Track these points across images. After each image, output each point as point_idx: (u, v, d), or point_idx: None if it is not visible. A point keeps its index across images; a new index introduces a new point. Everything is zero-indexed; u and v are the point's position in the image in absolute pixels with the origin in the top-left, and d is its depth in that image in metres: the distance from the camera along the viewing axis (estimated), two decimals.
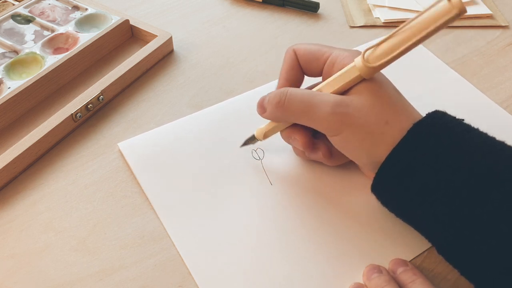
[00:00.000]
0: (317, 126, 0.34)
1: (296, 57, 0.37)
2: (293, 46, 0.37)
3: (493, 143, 0.31)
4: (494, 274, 0.29)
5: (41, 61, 0.46)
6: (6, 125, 0.43)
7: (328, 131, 0.34)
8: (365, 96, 0.32)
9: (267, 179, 0.39)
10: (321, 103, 0.33)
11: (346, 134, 0.32)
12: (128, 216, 0.37)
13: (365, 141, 0.32)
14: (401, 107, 0.33)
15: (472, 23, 0.56)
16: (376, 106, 0.32)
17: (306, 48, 0.37)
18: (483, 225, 0.29)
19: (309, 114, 0.33)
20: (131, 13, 0.56)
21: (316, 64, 0.36)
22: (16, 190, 0.39)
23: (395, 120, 0.32)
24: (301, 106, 0.34)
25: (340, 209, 0.37)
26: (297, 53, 0.37)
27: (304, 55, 0.37)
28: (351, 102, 0.32)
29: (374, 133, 0.32)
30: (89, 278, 0.33)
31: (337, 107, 0.32)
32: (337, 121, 0.32)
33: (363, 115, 0.32)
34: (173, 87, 0.48)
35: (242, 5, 0.59)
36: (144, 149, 0.41)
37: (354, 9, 0.59)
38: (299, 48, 0.37)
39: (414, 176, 0.31)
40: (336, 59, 0.35)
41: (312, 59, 0.36)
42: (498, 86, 0.48)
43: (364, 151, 0.33)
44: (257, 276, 0.33)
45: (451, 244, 0.30)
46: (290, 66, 0.37)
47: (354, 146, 0.33)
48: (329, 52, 0.36)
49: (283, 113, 0.35)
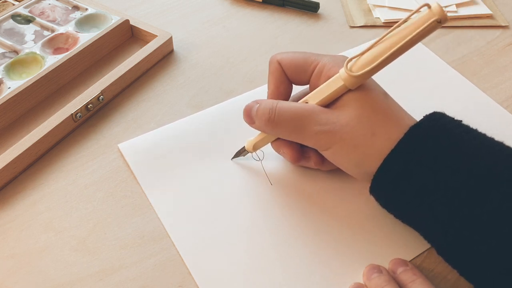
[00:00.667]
0: (306, 143, 0.35)
1: (281, 68, 0.37)
2: (277, 57, 0.37)
3: (492, 143, 0.31)
4: (493, 274, 0.29)
5: (41, 61, 0.46)
6: (6, 125, 0.43)
7: (317, 147, 0.34)
8: (351, 108, 0.33)
9: (267, 180, 0.39)
10: (309, 122, 0.33)
11: (334, 149, 0.33)
12: (128, 216, 0.37)
13: (353, 154, 0.33)
14: (389, 115, 0.33)
15: (472, 23, 0.56)
16: (363, 118, 0.32)
17: (292, 59, 0.36)
18: (482, 225, 0.29)
19: (298, 132, 0.34)
20: (131, 13, 0.56)
21: (304, 75, 0.36)
22: (16, 190, 0.39)
23: (382, 130, 0.32)
24: (291, 124, 0.34)
25: (340, 209, 0.37)
26: (282, 64, 0.37)
27: (291, 67, 0.36)
28: (337, 118, 0.33)
29: (361, 146, 0.32)
30: (89, 278, 0.33)
31: (324, 125, 0.33)
32: (324, 138, 0.33)
33: (349, 130, 0.32)
34: (173, 87, 0.48)
35: (242, 5, 0.59)
36: (144, 150, 0.41)
37: (354, 9, 0.59)
38: (283, 59, 0.37)
39: (412, 179, 0.31)
40: (323, 68, 0.35)
41: (298, 70, 0.36)
42: (498, 86, 0.48)
43: (353, 164, 0.33)
44: (257, 276, 0.33)
45: (451, 245, 0.30)
46: (277, 79, 0.37)
47: (343, 159, 0.34)
48: (316, 61, 0.35)
49: (272, 130, 0.35)
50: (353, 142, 0.32)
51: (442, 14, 0.28)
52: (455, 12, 0.57)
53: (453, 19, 0.57)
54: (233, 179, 0.39)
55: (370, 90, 0.33)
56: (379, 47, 0.31)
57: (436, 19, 0.28)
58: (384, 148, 0.31)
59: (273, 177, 0.39)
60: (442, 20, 0.28)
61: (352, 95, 0.33)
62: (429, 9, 0.28)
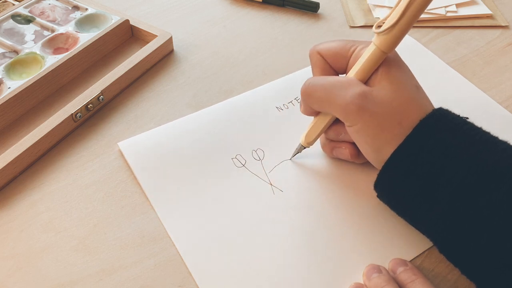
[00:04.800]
0: (336, 113, 0.35)
1: (323, 58, 0.37)
2: (316, 48, 0.37)
3: (496, 142, 0.31)
4: (494, 271, 0.29)
5: (41, 61, 0.46)
6: (6, 125, 0.43)
7: (346, 120, 0.34)
8: (386, 89, 0.33)
9: (268, 179, 0.39)
10: (341, 91, 0.33)
11: (360, 126, 0.33)
12: (128, 216, 0.37)
13: (376, 138, 0.33)
14: (417, 106, 0.33)
15: (472, 23, 0.56)
16: (394, 103, 0.32)
17: (330, 48, 0.37)
18: (486, 223, 0.29)
19: (329, 101, 0.34)
20: (131, 13, 0.56)
21: (343, 61, 0.36)
22: (16, 190, 0.39)
23: (408, 121, 0.32)
24: (323, 93, 0.34)
25: (340, 209, 0.37)
26: (322, 54, 0.37)
27: (330, 56, 0.37)
28: (370, 94, 0.33)
29: (385, 131, 0.32)
30: (89, 278, 0.33)
31: (356, 98, 0.32)
32: (355, 111, 0.33)
33: (380, 111, 0.32)
34: (173, 87, 0.48)
35: (242, 5, 0.59)
36: (144, 149, 0.41)
37: (354, 9, 0.59)
38: (322, 49, 0.37)
39: (418, 173, 0.31)
40: (359, 53, 0.35)
41: (338, 57, 0.36)
42: (498, 86, 0.48)
43: (373, 148, 0.33)
44: (257, 276, 0.33)
45: (452, 242, 0.30)
46: (322, 69, 0.37)
47: (365, 139, 0.34)
48: (354, 46, 0.36)
49: (307, 100, 0.36)
50: (380, 125, 0.32)
51: None
52: (455, 12, 0.57)
53: (453, 19, 0.57)
54: (233, 179, 0.39)
55: (405, 77, 0.34)
56: (401, 3, 0.31)
57: None
58: None
59: (273, 177, 0.39)
60: None
61: (387, 73, 0.33)
62: None
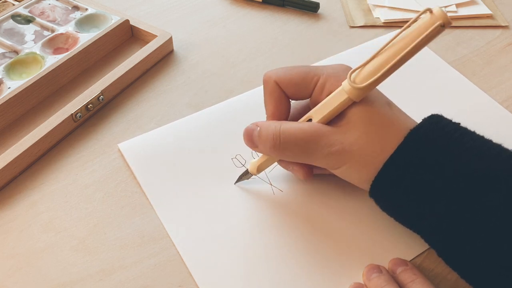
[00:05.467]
0: (315, 164, 0.34)
1: (279, 88, 0.35)
2: (272, 76, 0.35)
3: (490, 145, 0.31)
4: (493, 275, 0.29)
5: (41, 61, 0.46)
6: (6, 125, 0.43)
7: (327, 167, 0.34)
8: (357, 125, 0.32)
9: (267, 179, 0.39)
10: (316, 144, 0.32)
11: (344, 168, 0.33)
12: (128, 216, 0.37)
13: (364, 172, 0.32)
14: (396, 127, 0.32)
15: (472, 23, 0.56)
16: (370, 134, 0.32)
17: (290, 77, 0.34)
18: (481, 226, 0.29)
19: (306, 155, 0.33)
20: (131, 13, 0.56)
21: (305, 91, 0.35)
22: (16, 190, 0.39)
23: (389, 144, 0.31)
24: (297, 148, 0.33)
25: (340, 209, 0.37)
26: (280, 84, 0.35)
27: (290, 85, 0.35)
28: (344, 137, 0.32)
29: (371, 163, 0.32)
30: (89, 278, 0.33)
31: (332, 146, 0.32)
32: (334, 158, 0.32)
33: (358, 149, 0.31)
34: (173, 87, 0.48)
35: (242, 5, 0.59)
36: (144, 150, 0.41)
37: (354, 9, 0.59)
38: (280, 78, 0.35)
39: (411, 182, 0.31)
40: (325, 83, 0.34)
41: (299, 87, 0.35)
42: (498, 86, 0.48)
43: (364, 180, 0.33)
44: (257, 276, 0.33)
45: (450, 246, 0.30)
46: (276, 99, 0.35)
47: (354, 177, 0.33)
48: (317, 76, 0.34)
49: (279, 155, 0.35)
50: (363, 161, 0.32)
51: (445, 18, 0.27)
52: (455, 12, 0.57)
53: (453, 19, 0.57)
54: (233, 179, 0.39)
55: (374, 102, 0.32)
56: (382, 56, 0.30)
57: (440, 23, 0.27)
58: None
59: (273, 177, 0.39)
60: (445, 24, 0.27)
61: (356, 109, 0.32)
62: (431, 14, 0.28)
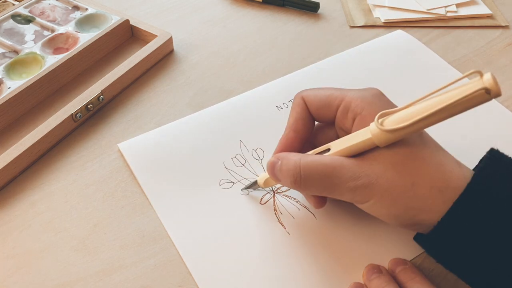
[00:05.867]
0: (341, 198, 0.32)
1: (305, 105, 0.34)
2: (302, 93, 0.35)
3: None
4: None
5: (41, 61, 0.46)
6: (6, 125, 0.43)
7: (354, 201, 0.31)
8: (383, 156, 0.30)
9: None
10: (339, 178, 0.30)
11: (372, 203, 0.30)
12: (128, 216, 0.37)
13: (393, 208, 0.30)
14: (425, 158, 0.30)
15: (472, 23, 0.56)
16: (398, 166, 0.29)
17: (316, 95, 0.34)
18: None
19: (329, 190, 0.31)
20: (131, 13, 0.56)
21: (328, 111, 0.33)
22: (16, 190, 0.39)
23: (422, 178, 0.29)
24: (319, 184, 0.31)
25: (340, 209, 0.37)
26: (306, 101, 0.34)
27: (315, 103, 0.34)
28: (370, 168, 0.29)
29: (400, 198, 0.29)
30: (89, 278, 0.33)
31: (357, 179, 0.30)
32: (360, 193, 0.30)
33: (385, 182, 0.29)
34: (173, 87, 0.48)
35: (242, 5, 0.59)
36: (144, 150, 0.41)
37: (354, 9, 0.59)
38: (308, 95, 0.34)
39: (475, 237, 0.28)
40: (349, 105, 0.32)
41: (322, 105, 0.34)
42: None
43: (393, 216, 0.30)
44: (256, 276, 0.33)
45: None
46: (300, 115, 0.34)
47: (382, 212, 0.31)
48: (341, 97, 0.33)
49: (301, 191, 0.34)
50: (392, 196, 0.29)
51: (493, 85, 0.25)
52: (455, 12, 0.57)
53: (453, 19, 0.57)
54: (233, 179, 0.39)
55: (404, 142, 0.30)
56: (416, 107, 0.28)
57: (485, 88, 0.25)
58: (426, 198, 0.29)
59: None
60: (492, 92, 0.25)
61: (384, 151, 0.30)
62: (480, 77, 0.25)
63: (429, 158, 0.29)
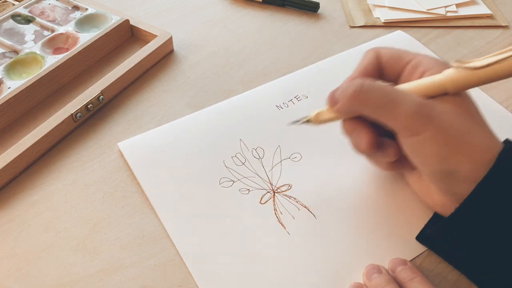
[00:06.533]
0: (396, 123, 0.31)
1: (377, 56, 0.34)
2: (375, 49, 0.35)
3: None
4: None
5: (41, 61, 0.46)
6: (6, 125, 0.43)
7: (407, 130, 0.31)
8: (449, 103, 0.30)
9: (267, 178, 0.39)
10: (404, 100, 0.30)
11: (426, 135, 0.30)
12: (128, 216, 0.37)
13: (445, 146, 0.29)
14: (483, 122, 0.31)
15: (472, 23, 0.56)
16: (461, 114, 0.30)
17: (390, 49, 0.35)
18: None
19: (389, 109, 0.30)
20: (131, 13, 0.56)
21: (398, 64, 0.34)
22: (16, 190, 0.39)
23: (478, 132, 0.30)
24: (381, 99, 0.31)
25: (339, 209, 0.37)
26: (379, 52, 0.35)
27: (387, 54, 0.34)
28: (435, 104, 0.30)
29: (455, 138, 0.29)
30: (89, 278, 0.33)
31: (422, 107, 0.30)
32: (420, 120, 0.30)
33: (447, 119, 0.30)
34: (173, 87, 0.48)
35: (242, 5, 0.59)
36: (144, 149, 0.41)
37: (354, 9, 0.59)
38: (381, 48, 0.35)
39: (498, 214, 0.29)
40: (420, 63, 0.32)
41: (395, 57, 0.34)
42: (498, 86, 0.48)
43: (438, 158, 0.30)
44: (256, 277, 0.33)
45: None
46: (370, 61, 0.34)
47: (430, 150, 0.30)
48: (414, 55, 0.33)
49: (359, 104, 0.32)
50: (448, 133, 0.29)
51: None
52: (455, 12, 0.57)
53: (453, 19, 0.57)
54: (233, 178, 0.39)
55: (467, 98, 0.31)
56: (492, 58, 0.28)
57: None
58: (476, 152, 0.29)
59: (274, 175, 0.39)
60: None
61: (448, 97, 0.30)
62: None
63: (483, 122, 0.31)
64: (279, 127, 0.43)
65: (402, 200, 0.37)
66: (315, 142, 0.41)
